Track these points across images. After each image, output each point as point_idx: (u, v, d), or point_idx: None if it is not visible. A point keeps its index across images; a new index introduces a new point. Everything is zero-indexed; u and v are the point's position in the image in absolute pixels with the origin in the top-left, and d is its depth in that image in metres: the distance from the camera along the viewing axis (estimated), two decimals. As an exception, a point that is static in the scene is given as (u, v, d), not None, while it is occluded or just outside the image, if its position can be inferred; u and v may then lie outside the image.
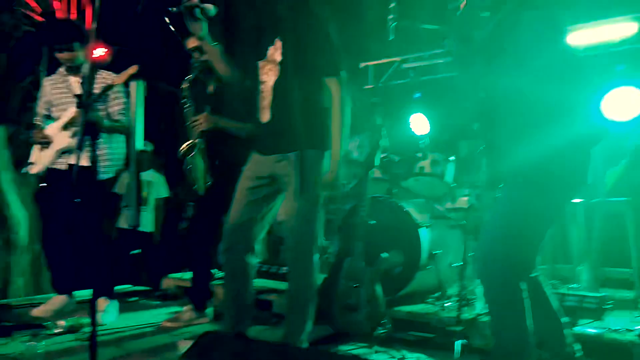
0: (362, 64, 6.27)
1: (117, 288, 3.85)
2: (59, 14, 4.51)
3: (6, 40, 4.63)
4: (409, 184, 4.08)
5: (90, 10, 4.77)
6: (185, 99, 3.34)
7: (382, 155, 3.91)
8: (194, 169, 3.35)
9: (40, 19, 4.61)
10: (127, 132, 3.61)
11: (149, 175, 5.13)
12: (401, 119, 5.60)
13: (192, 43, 3.36)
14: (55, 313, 3.41)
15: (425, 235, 3.29)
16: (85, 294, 3.62)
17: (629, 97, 3.57)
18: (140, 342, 2.94)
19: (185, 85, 3.32)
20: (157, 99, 5.89)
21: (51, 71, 4.73)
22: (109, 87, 3.42)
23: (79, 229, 3.50)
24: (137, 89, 4.27)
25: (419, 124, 5.38)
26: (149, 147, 5.15)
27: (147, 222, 5.04)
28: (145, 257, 4.93)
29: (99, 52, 4.94)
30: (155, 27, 5.46)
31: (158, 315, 3.57)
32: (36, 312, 3.40)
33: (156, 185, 5.20)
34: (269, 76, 2.44)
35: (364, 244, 2.87)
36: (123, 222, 4.76)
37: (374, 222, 2.95)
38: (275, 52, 2.42)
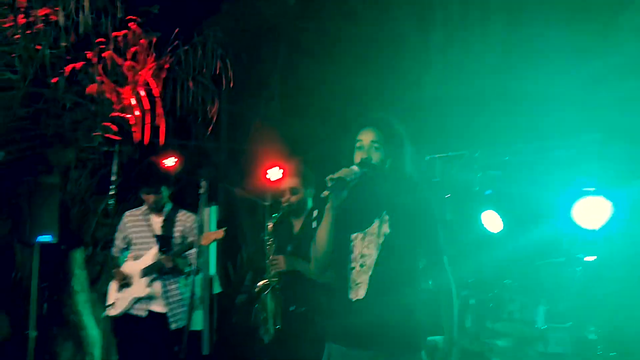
0: (428, 157, 6.17)
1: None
2: (137, 136, 4.66)
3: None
4: (496, 326, 3.89)
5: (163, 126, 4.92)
6: (269, 236, 3.30)
7: (465, 293, 3.75)
8: (264, 309, 3.27)
9: (118, 137, 4.79)
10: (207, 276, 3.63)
11: None
12: (471, 216, 5.43)
13: (288, 183, 3.34)
14: None
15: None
16: None
17: None
18: None
19: (270, 224, 3.29)
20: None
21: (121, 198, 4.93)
22: (191, 246, 3.46)
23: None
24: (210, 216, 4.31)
25: (491, 221, 5.20)
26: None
27: (199, 321, 5.01)
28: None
29: (170, 161, 5.09)
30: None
31: None
32: None
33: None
34: (369, 249, 2.28)
35: None
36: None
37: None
38: (382, 225, 2.29)
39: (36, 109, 4.15)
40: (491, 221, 5.15)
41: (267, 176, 5.70)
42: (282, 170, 5.44)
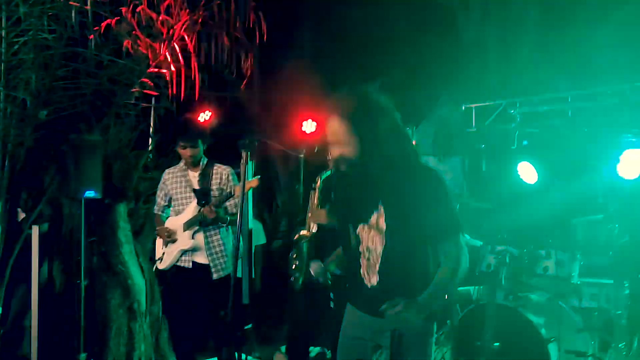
0: (465, 106, 6.08)
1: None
2: (172, 91, 4.71)
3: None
4: (531, 281, 3.94)
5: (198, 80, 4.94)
6: (314, 189, 3.37)
7: (499, 248, 3.80)
8: (299, 257, 3.38)
9: (155, 93, 4.84)
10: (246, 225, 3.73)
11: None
12: (507, 167, 5.41)
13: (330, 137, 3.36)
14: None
15: (554, 351, 3.15)
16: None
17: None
18: None
19: (318, 178, 3.35)
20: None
21: (160, 152, 5.03)
22: (229, 196, 3.55)
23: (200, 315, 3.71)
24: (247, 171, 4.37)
25: (527, 173, 5.18)
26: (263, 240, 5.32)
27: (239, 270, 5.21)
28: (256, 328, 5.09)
29: (205, 115, 5.16)
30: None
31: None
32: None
33: (255, 232, 5.37)
34: (374, 243, 2.31)
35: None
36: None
37: (498, 344, 2.86)
38: (379, 218, 2.28)
39: (74, 68, 4.21)
40: (527, 173, 5.12)
41: (302, 128, 5.73)
42: (315, 123, 5.45)
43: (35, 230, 3.99)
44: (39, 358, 3.97)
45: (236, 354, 3.76)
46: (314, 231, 3.29)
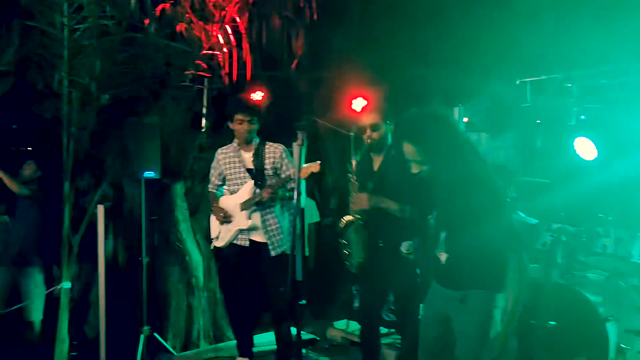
0: (519, 80, 5.92)
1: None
2: (225, 72, 4.79)
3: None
4: (588, 260, 3.86)
5: (250, 61, 5.01)
6: (351, 174, 3.41)
7: (556, 226, 3.73)
8: (349, 245, 3.42)
9: (208, 74, 4.94)
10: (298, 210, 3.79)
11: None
12: (563, 142, 5.26)
13: (369, 119, 3.39)
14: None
15: (612, 330, 3.11)
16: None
17: None
18: None
19: (354, 161, 3.38)
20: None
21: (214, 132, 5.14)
22: (289, 179, 3.61)
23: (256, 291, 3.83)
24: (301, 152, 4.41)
25: (585, 149, 5.02)
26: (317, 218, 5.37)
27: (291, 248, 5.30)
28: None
29: (258, 95, 5.21)
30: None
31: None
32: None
33: (308, 210, 5.44)
34: (439, 228, 2.62)
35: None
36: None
37: (554, 323, 2.84)
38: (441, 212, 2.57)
39: (133, 52, 4.33)
40: (585, 148, 4.97)
41: (352, 106, 5.72)
42: (365, 101, 5.44)
43: (100, 210, 4.17)
44: (106, 331, 4.18)
45: (292, 329, 3.87)
46: (357, 216, 3.33)
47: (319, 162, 3.69)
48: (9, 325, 4.73)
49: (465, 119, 5.92)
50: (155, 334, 4.52)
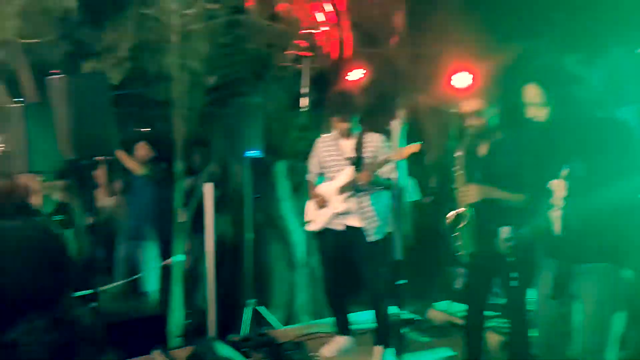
0: (639, 49, 5.46)
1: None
2: (325, 51, 4.82)
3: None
4: None
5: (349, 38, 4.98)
6: (457, 164, 3.29)
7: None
8: (460, 238, 3.31)
9: (309, 54, 4.98)
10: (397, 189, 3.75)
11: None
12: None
13: (471, 106, 3.26)
14: (339, 353, 3.81)
15: None
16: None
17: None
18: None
19: (458, 151, 3.26)
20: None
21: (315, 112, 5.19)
22: (386, 162, 3.57)
23: (354, 272, 3.84)
24: (401, 132, 4.36)
25: None
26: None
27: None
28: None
29: (358, 74, 5.18)
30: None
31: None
32: (324, 352, 3.84)
33: (408, 189, 5.37)
34: (560, 193, 2.47)
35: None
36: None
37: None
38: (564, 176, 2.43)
39: (236, 35, 4.45)
40: None
41: (454, 82, 5.54)
42: (470, 75, 5.24)
43: (208, 188, 4.35)
44: (215, 303, 4.39)
45: (392, 309, 3.86)
46: (466, 209, 3.21)
47: (419, 143, 3.59)
48: (127, 295, 5.09)
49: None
50: (260, 307, 4.69)
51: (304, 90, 5.18)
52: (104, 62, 4.45)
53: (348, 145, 3.84)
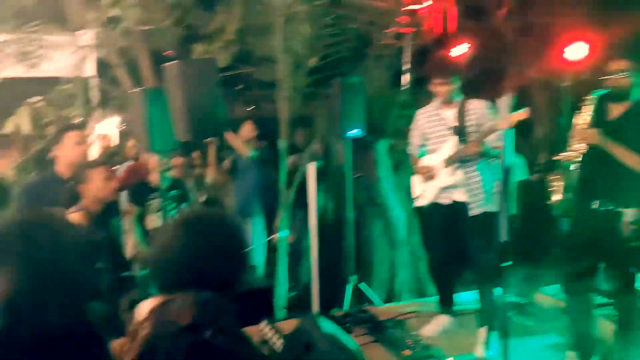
0: None
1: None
2: (428, 26, 4.72)
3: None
4: None
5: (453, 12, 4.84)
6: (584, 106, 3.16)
7: None
8: (562, 179, 3.17)
9: (411, 30, 4.90)
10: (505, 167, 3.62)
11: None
12: None
13: (619, 64, 3.09)
14: (441, 333, 3.80)
15: None
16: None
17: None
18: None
19: (584, 108, 3.14)
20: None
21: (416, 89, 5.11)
22: (492, 130, 3.46)
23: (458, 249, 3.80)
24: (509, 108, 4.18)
25: None
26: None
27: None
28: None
29: (462, 48, 5.02)
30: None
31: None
32: (426, 331, 3.84)
33: (516, 167, 5.16)
34: None
35: None
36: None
37: None
38: None
39: (337, 14, 4.47)
40: None
41: (564, 55, 5.21)
42: (587, 46, 4.90)
43: (311, 167, 4.45)
44: (318, 278, 4.52)
45: (497, 290, 3.76)
46: (581, 151, 3.05)
47: (526, 109, 3.41)
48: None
49: None
50: (361, 285, 4.76)
51: (405, 67, 5.12)
52: (213, 44, 4.66)
53: (450, 115, 3.73)
